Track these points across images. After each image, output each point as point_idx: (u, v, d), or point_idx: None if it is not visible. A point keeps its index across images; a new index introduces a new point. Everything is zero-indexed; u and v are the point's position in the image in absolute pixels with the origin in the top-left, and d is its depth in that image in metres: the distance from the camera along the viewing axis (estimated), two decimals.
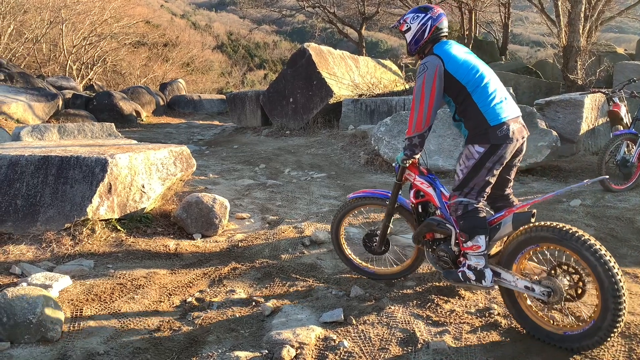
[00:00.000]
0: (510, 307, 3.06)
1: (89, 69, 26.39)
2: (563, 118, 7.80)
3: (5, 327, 2.99)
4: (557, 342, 2.84)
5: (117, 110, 15.31)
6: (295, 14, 29.89)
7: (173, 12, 57.33)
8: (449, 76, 3.01)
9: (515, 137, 2.97)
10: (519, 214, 3.01)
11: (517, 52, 34.39)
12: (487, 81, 3.02)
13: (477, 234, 3.01)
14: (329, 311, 3.34)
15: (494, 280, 3.03)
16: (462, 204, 3.06)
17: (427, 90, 3.00)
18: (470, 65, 3.04)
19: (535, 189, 6.39)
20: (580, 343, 2.75)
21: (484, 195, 3.09)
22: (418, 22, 3.19)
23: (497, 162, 2.98)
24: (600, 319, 2.66)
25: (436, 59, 3.02)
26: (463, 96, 3.02)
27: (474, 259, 3.06)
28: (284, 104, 12.33)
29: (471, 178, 3.02)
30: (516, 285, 2.95)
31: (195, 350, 2.99)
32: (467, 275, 3.10)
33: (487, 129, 2.94)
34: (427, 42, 3.19)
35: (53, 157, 4.85)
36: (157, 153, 5.39)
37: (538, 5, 14.55)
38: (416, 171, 3.41)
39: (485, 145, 2.95)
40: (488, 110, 2.96)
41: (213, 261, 4.41)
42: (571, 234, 2.72)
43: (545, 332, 2.90)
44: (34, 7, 22.76)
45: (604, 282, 2.61)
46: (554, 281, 2.84)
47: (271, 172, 8.25)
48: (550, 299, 2.84)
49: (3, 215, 4.66)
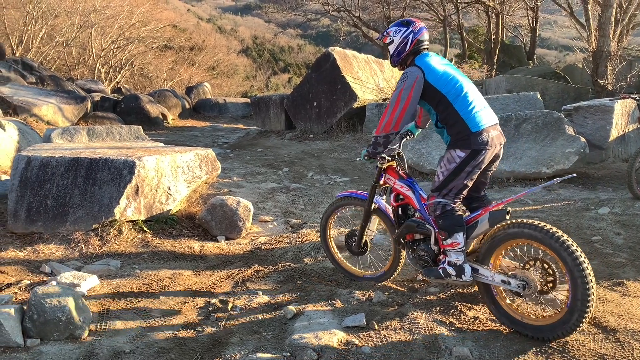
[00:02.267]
0: (489, 303, 3.21)
1: (116, 72, 26.92)
2: (592, 124, 7.67)
3: (35, 324, 3.07)
4: (533, 333, 2.99)
5: (144, 113, 15.56)
6: (320, 18, 29.97)
7: (199, 16, 58.08)
8: (429, 86, 3.18)
9: (494, 144, 3.16)
10: (494, 212, 3.16)
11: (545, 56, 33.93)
12: (466, 91, 3.19)
13: (456, 232, 3.17)
14: (351, 316, 3.34)
15: (473, 276, 3.19)
16: (440, 204, 3.22)
17: (403, 98, 3.18)
18: (450, 76, 3.20)
19: (562, 196, 6.29)
20: (555, 332, 2.92)
21: (460, 197, 3.26)
22: (400, 35, 3.35)
23: (476, 167, 3.16)
24: (570, 310, 2.84)
25: (417, 70, 3.20)
26: (444, 105, 3.18)
27: (453, 256, 3.20)
28: (308, 108, 12.37)
29: (451, 180, 3.19)
30: (493, 279, 3.11)
31: (218, 351, 3.03)
32: (447, 271, 3.23)
33: (469, 135, 3.11)
34: (408, 54, 3.36)
35: (82, 158, 4.96)
36: (183, 156, 5.47)
37: (567, 9, 14.34)
38: (396, 175, 3.56)
39: (466, 150, 3.13)
40: (469, 117, 3.13)
41: (236, 263, 4.45)
42: (544, 230, 2.88)
43: (522, 324, 3.05)
44: (64, 12, 23.34)
45: (574, 273, 2.79)
46: (528, 274, 3.01)
47: (294, 176, 8.28)
48: (525, 291, 3.01)
49: (34, 215, 4.78)
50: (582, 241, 4.67)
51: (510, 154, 7.09)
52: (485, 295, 3.21)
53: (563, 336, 2.92)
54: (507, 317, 3.11)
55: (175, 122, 16.97)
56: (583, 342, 2.97)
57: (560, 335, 2.91)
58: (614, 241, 4.68)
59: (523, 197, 6.18)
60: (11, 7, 21.55)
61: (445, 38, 26.49)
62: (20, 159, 5.00)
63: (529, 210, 5.62)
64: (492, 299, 3.18)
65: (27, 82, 14.81)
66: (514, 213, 5.57)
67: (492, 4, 19.85)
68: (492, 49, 20.27)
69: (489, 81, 14.25)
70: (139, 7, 26.28)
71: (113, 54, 26.62)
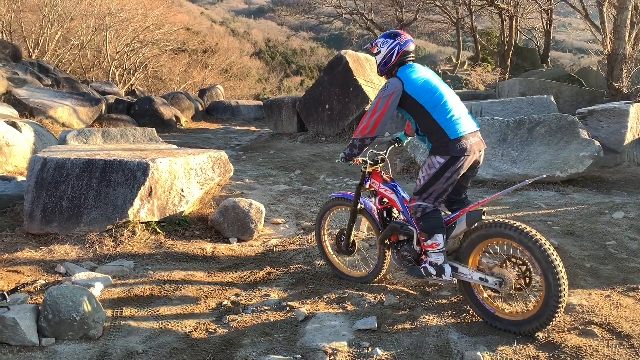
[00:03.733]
0: (469, 300, 3.33)
1: (130, 74, 27.16)
2: (607, 128, 7.59)
3: (50, 324, 3.11)
4: (511, 327, 3.11)
5: (158, 115, 15.68)
6: (333, 21, 30.04)
7: (213, 19, 58.45)
8: (408, 97, 3.34)
9: (472, 150, 3.28)
10: (471, 213, 3.28)
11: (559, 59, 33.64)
12: (445, 100, 3.33)
13: (436, 233, 3.30)
14: (363, 318, 3.35)
15: (453, 274, 3.31)
16: (421, 207, 3.36)
17: (380, 106, 3.36)
18: (429, 87, 3.35)
19: (576, 200, 6.23)
20: (530, 326, 3.04)
21: (440, 200, 3.40)
22: (387, 46, 3.51)
23: (455, 172, 3.28)
24: (544, 306, 2.96)
25: (397, 82, 3.37)
26: (422, 114, 3.34)
27: (434, 256, 3.34)
28: (320, 111, 12.39)
29: (431, 185, 3.32)
30: (472, 277, 3.24)
31: (230, 352, 3.04)
32: (428, 270, 3.38)
33: (448, 142, 3.25)
34: (394, 65, 3.51)
35: (97, 160, 5.01)
36: (196, 158, 5.51)
37: (582, 12, 14.22)
38: (380, 179, 3.75)
39: (445, 156, 3.26)
40: (447, 125, 3.26)
41: (248, 265, 4.47)
42: (518, 229, 3.00)
43: (500, 319, 3.17)
44: (80, 15, 23.61)
45: (547, 271, 2.92)
46: (504, 272, 3.14)
47: (306, 178, 8.30)
48: (501, 288, 3.13)
49: (49, 215, 4.84)
50: (596, 246, 4.63)
51: (524, 158, 7.04)
52: (465, 292, 3.34)
53: (537, 330, 3.03)
54: (486, 313, 3.23)
55: (189, 125, 17.08)
56: (597, 347, 2.95)
57: (535, 329, 3.03)
58: (629, 246, 4.63)
59: (499, 198, 6.14)
60: (28, 11, 21.84)
61: (458, 40, 26.44)
62: (36, 161, 5.08)
63: (542, 215, 5.58)
64: (472, 295, 3.31)
65: (43, 85, 14.99)
66: (527, 216, 5.53)
67: (505, 6, 19.73)
68: (506, 52, 20.15)
69: (502, 84, 14.17)
70: (153, 10, 26.51)
71: (127, 56, 26.88)
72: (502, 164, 7.12)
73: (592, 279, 3.95)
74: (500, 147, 7.30)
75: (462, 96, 14.21)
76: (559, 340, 3.03)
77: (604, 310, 3.38)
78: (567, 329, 3.16)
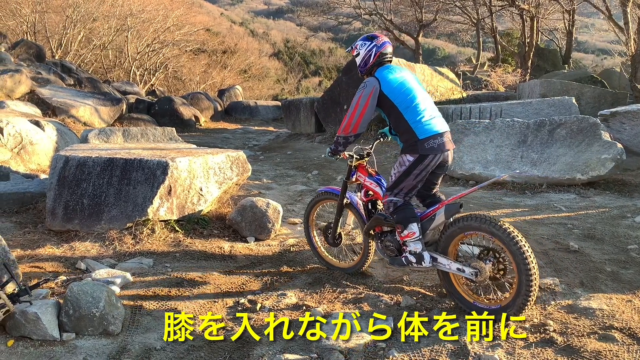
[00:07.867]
0: (448, 288, 3.51)
1: (151, 74, 27.48)
2: (630, 130, 7.47)
3: (71, 319, 3.17)
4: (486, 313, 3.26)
5: (177, 115, 15.85)
6: (352, 22, 29.99)
7: (232, 20, 58.78)
8: (384, 96, 3.51)
9: (440, 150, 3.46)
10: (449, 206, 3.45)
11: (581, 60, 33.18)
12: (418, 102, 3.50)
13: (410, 223, 3.49)
14: (379, 319, 3.34)
15: (433, 264, 3.47)
16: (393, 202, 3.57)
17: (360, 104, 3.53)
18: (404, 88, 3.52)
19: (597, 203, 6.14)
20: (505, 312, 3.20)
21: (410, 195, 3.60)
22: (365, 48, 3.70)
23: (423, 170, 3.48)
24: (517, 295, 3.15)
25: (375, 81, 3.54)
26: (395, 113, 3.52)
27: (412, 245, 3.52)
28: (338, 111, 12.38)
29: (401, 181, 3.53)
30: (450, 267, 3.40)
31: (247, 351, 3.06)
32: (409, 259, 3.56)
33: (417, 142, 3.44)
34: (373, 65, 3.69)
35: (118, 159, 5.08)
36: (215, 157, 5.56)
37: (605, 12, 14.01)
38: (366, 173, 3.92)
39: (414, 155, 3.46)
40: (417, 126, 3.45)
41: (265, 264, 4.49)
42: (492, 222, 3.17)
43: (476, 307, 3.33)
44: (102, 16, 23.99)
45: (519, 263, 3.09)
46: (481, 263, 3.29)
47: (324, 179, 8.31)
48: (477, 278, 3.29)
49: (71, 213, 4.93)
50: (617, 249, 4.56)
51: (544, 160, 6.96)
52: (444, 281, 3.53)
53: (511, 316, 3.20)
54: (463, 301, 3.42)
55: (208, 125, 17.22)
56: (617, 352, 2.90)
57: (508, 316, 3.20)
58: None
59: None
60: (52, 12, 22.26)
61: (478, 41, 26.22)
62: (59, 159, 5.17)
63: (562, 218, 5.51)
64: (450, 284, 3.49)
65: (66, 84, 15.25)
66: (547, 219, 5.47)
67: (526, 7, 19.52)
68: (527, 53, 19.91)
69: (522, 85, 14.03)
70: (174, 11, 26.80)
71: (148, 57, 27.19)
72: (522, 165, 7.05)
73: (613, 283, 3.89)
74: (520, 148, 7.23)
75: (482, 97, 14.11)
76: (578, 345, 3.00)
77: (625, 315, 3.33)
78: (586, 333, 3.12)
